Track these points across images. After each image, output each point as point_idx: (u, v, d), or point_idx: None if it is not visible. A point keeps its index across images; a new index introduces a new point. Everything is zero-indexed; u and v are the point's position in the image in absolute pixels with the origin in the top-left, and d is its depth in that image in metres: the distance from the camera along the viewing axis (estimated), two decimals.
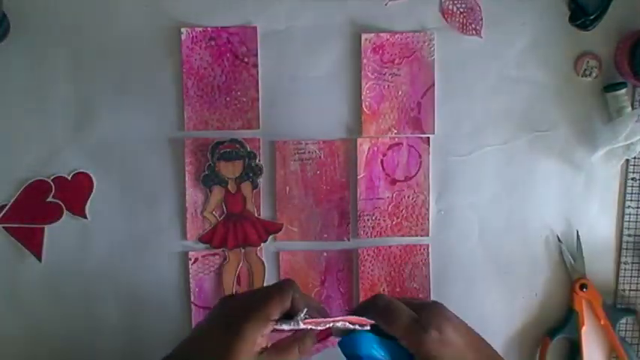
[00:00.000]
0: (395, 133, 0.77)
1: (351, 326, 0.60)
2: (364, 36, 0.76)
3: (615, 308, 0.78)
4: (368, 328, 0.61)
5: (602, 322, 0.77)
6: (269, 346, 0.59)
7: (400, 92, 0.77)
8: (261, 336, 0.56)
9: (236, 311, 0.58)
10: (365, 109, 0.76)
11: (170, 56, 0.75)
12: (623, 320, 0.78)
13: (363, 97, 0.76)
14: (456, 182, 0.77)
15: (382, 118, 0.77)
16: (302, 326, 0.58)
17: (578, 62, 0.76)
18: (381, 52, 0.76)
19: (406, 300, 0.64)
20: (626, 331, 0.79)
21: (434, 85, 0.76)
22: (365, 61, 0.76)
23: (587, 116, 0.77)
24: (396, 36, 0.76)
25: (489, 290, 0.78)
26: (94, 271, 0.76)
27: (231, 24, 0.75)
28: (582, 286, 0.77)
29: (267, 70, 0.76)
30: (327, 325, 0.60)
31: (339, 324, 0.59)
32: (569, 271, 0.78)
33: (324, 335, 0.61)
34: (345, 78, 0.76)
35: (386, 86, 0.76)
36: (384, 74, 0.76)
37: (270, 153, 0.76)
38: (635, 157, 0.77)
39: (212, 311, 0.61)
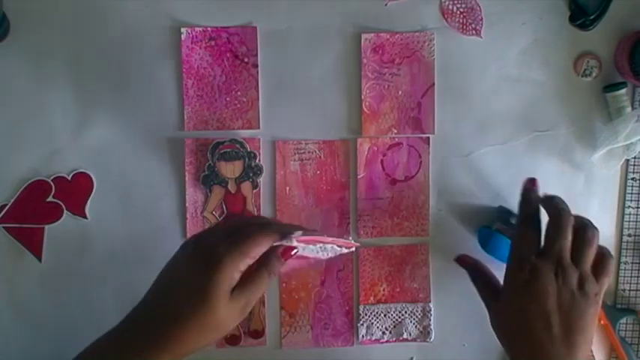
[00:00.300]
0: (395, 133, 0.77)
1: (338, 249, 0.64)
2: (364, 36, 0.76)
3: (615, 308, 0.78)
4: (353, 249, 0.65)
5: (601, 322, 0.77)
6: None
7: (400, 92, 0.77)
8: (238, 272, 0.58)
9: (212, 245, 0.59)
10: (365, 109, 0.77)
11: (170, 56, 0.76)
12: (623, 320, 0.79)
13: (363, 97, 0.77)
14: (456, 182, 0.78)
15: (382, 118, 0.77)
16: (294, 243, 0.61)
17: (578, 62, 0.77)
18: (381, 51, 0.77)
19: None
20: (626, 331, 0.79)
21: (434, 84, 0.77)
22: (365, 61, 0.76)
23: (587, 116, 0.78)
24: (396, 36, 0.76)
25: None
26: (94, 271, 0.77)
27: (231, 24, 0.76)
28: None
29: (267, 70, 0.76)
30: (313, 245, 0.63)
31: (328, 246, 0.63)
32: None
33: (288, 254, 0.62)
34: (345, 78, 0.77)
35: (386, 86, 0.77)
36: (384, 74, 0.77)
37: (270, 153, 0.77)
38: (635, 157, 0.77)
39: (185, 250, 0.62)
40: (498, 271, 0.76)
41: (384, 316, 0.79)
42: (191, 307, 0.57)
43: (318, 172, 0.77)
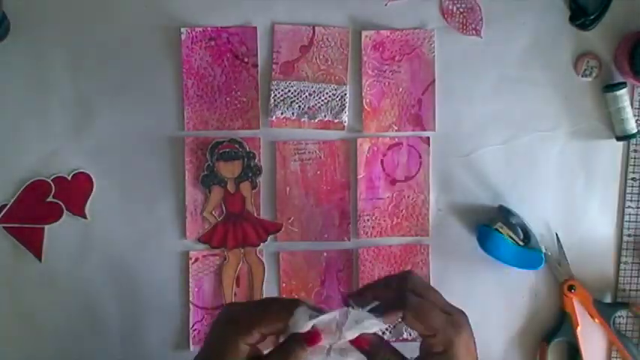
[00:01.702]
0: (395, 130, 0.79)
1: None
2: (364, 33, 0.78)
3: (607, 304, 0.80)
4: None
5: (596, 320, 0.79)
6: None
7: (401, 89, 0.79)
8: (245, 344, 0.57)
9: (230, 317, 0.59)
10: (366, 107, 0.78)
11: (170, 56, 0.77)
12: (618, 314, 0.80)
13: (363, 95, 0.78)
14: (456, 182, 0.79)
15: (383, 116, 0.79)
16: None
17: (578, 62, 0.78)
18: (381, 49, 0.78)
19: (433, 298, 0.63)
20: (620, 324, 0.81)
21: (434, 81, 0.78)
22: (365, 58, 0.78)
23: (587, 116, 0.79)
24: (396, 33, 0.78)
25: (489, 290, 0.80)
26: (94, 271, 0.78)
27: (231, 24, 0.77)
28: (570, 288, 0.79)
29: (267, 70, 0.78)
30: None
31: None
32: (555, 273, 0.80)
33: (314, 341, 0.58)
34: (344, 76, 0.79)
35: (386, 83, 0.79)
36: (385, 71, 0.79)
37: (270, 153, 0.78)
38: (635, 157, 0.79)
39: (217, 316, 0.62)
40: (497, 271, 0.79)
41: None
42: None
43: (318, 172, 0.79)
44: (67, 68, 0.77)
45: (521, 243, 0.77)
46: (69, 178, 0.77)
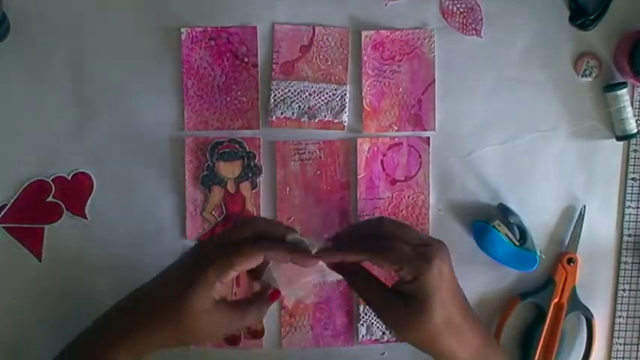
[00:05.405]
0: (395, 130, 0.80)
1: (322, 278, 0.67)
2: (364, 33, 0.79)
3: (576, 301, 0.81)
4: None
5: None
6: (230, 299, 0.64)
7: (401, 89, 0.80)
8: (220, 283, 0.61)
9: (204, 253, 0.63)
10: (366, 107, 0.79)
11: (170, 56, 0.78)
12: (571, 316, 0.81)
13: (363, 95, 0.79)
14: (456, 182, 0.80)
15: (383, 115, 0.80)
16: (280, 287, 0.67)
17: (578, 62, 0.79)
18: (381, 49, 0.79)
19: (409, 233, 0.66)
20: (620, 324, 0.82)
21: (434, 81, 0.79)
22: (365, 58, 0.79)
23: (587, 116, 0.80)
24: (396, 33, 0.79)
25: (489, 291, 0.82)
26: (94, 271, 0.79)
27: (231, 24, 0.78)
28: (569, 261, 0.80)
29: (267, 70, 0.79)
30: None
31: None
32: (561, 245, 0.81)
33: (275, 297, 0.67)
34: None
35: (386, 83, 0.80)
36: (385, 71, 0.79)
37: (270, 153, 0.79)
38: (635, 157, 0.80)
39: (187, 251, 0.66)
40: (497, 271, 0.80)
41: None
42: (165, 300, 0.62)
43: (318, 172, 0.80)
44: (67, 68, 0.78)
45: (517, 243, 0.78)
46: (69, 178, 0.78)
